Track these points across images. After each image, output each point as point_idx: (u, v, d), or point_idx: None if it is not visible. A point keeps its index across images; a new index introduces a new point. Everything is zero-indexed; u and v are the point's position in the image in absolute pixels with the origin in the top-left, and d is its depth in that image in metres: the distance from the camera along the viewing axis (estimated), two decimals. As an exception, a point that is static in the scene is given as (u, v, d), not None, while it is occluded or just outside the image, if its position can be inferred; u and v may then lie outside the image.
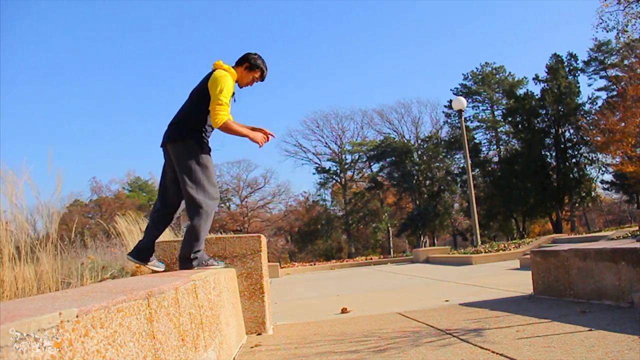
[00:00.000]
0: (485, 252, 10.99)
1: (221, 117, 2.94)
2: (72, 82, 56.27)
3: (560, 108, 31.06)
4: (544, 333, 2.46)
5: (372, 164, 39.98)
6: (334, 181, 41.15)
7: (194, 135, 3.01)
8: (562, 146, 31.91)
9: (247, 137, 3.07)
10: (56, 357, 0.89)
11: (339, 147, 40.98)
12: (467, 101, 32.86)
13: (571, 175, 31.49)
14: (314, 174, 44.51)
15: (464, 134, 15.74)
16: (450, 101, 32.24)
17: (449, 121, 36.81)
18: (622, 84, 25.35)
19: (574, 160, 32.03)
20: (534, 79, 33.10)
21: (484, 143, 37.37)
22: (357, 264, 14.26)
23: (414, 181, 36.93)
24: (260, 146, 3.14)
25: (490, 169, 35.69)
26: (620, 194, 35.80)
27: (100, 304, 1.11)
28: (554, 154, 32.27)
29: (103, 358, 1.06)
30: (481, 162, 35.17)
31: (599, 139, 24.69)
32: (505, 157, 34.44)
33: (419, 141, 38.55)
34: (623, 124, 22.96)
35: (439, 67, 60.05)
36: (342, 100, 69.24)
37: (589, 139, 27.84)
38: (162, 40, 57.67)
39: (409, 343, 2.53)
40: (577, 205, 32.96)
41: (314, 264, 15.38)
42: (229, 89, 3.00)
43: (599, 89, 34.16)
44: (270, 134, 3.23)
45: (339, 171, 40.60)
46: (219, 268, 2.98)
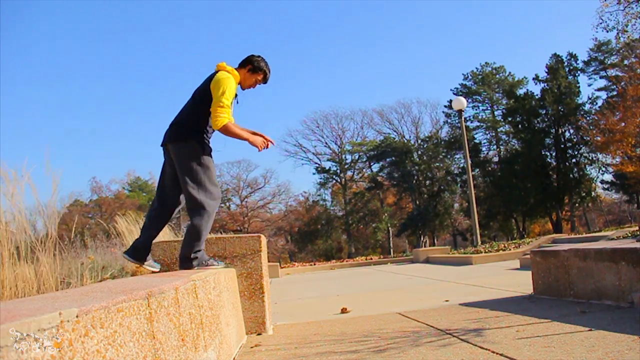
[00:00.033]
0: (485, 252, 10.99)
1: (222, 119, 2.94)
2: (72, 82, 56.34)
3: (560, 108, 31.06)
4: (544, 333, 2.46)
5: (372, 164, 40.00)
6: (334, 181, 41.16)
7: (195, 135, 3.01)
8: (562, 146, 31.92)
9: (247, 140, 3.07)
10: (56, 357, 0.89)
11: (339, 147, 41.02)
12: (467, 101, 32.85)
13: (571, 175, 31.50)
14: (314, 174, 44.59)
15: (464, 134, 15.74)
16: (450, 101, 32.24)
17: (449, 121, 36.85)
18: (622, 84, 25.36)
19: (574, 160, 32.05)
20: (534, 79, 33.16)
21: (484, 143, 37.42)
22: (357, 264, 14.26)
23: (414, 181, 36.93)
24: (259, 150, 3.13)
25: (490, 169, 35.70)
26: (620, 194, 35.82)
27: (100, 304, 1.11)
28: (554, 154, 32.28)
29: (103, 358, 1.06)
30: (481, 162, 35.17)
31: (599, 139, 24.71)
32: (505, 157, 34.44)
33: (419, 141, 38.56)
34: (623, 124, 22.97)
35: (439, 67, 60.14)
36: (342, 100, 69.35)
37: (589, 139, 27.86)
38: (162, 40, 57.75)
39: (409, 343, 2.53)
40: (577, 205, 32.97)
41: (314, 264, 15.38)
42: (231, 91, 3.00)
43: (599, 89, 34.24)
44: (270, 140, 3.21)
45: (339, 171, 40.61)
46: (219, 268, 2.98)
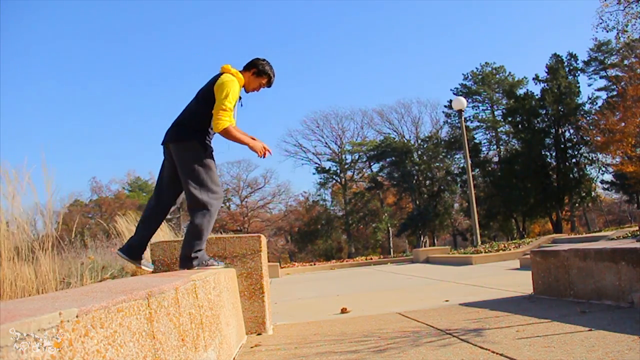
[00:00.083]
0: (485, 252, 10.99)
1: (223, 122, 2.94)
2: (72, 82, 56.35)
3: (560, 108, 31.06)
4: (544, 333, 2.46)
5: (372, 164, 40.00)
6: (334, 181, 41.16)
7: (197, 136, 3.01)
8: (562, 146, 31.91)
9: (247, 145, 3.07)
10: (56, 357, 0.89)
11: (339, 147, 41.02)
12: (467, 101, 32.86)
13: (571, 175, 31.49)
14: (314, 174, 44.60)
15: (464, 134, 15.74)
16: (450, 101, 32.24)
17: (449, 121, 36.85)
18: (622, 84, 25.36)
19: (574, 160, 32.05)
20: (534, 79, 33.15)
21: (484, 143, 37.42)
22: (357, 264, 14.25)
23: (414, 181, 36.93)
24: (259, 155, 3.13)
25: (490, 169, 35.70)
26: (620, 194, 35.82)
27: (100, 304, 1.11)
28: (554, 154, 32.28)
29: (103, 358, 1.06)
30: (481, 162, 35.17)
31: (599, 139, 24.71)
32: (505, 157, 34.44)
33: (419, 141, 38.56)
34: (623, 124, 22.98)
35: (439, 67, 60.14)
36: (342, 100, 69.37)
37: (589, 139, 27.86)
38: (162, 40, 57.75)
39: (409, 343, 2.53)
40: (577, 205, 32.97)
41: (314, 264, 15.38)
42: (234, 94, 3.00)
43: (599, 89, 34.25)
44: (268, 150, 3.19)
45: (339, 171, 40.61)
46: (219, 268, 2.98)
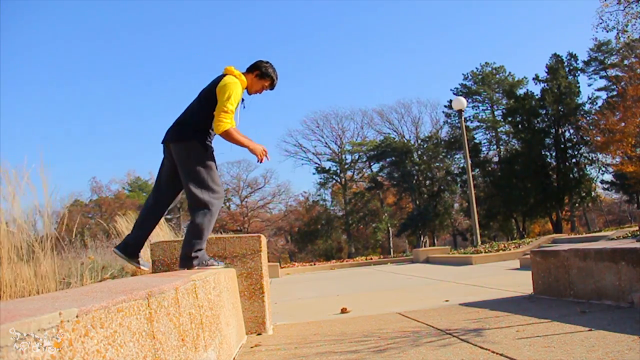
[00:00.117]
0: (485, 252, 10.99)
1: (224, 125, 2.94)
2: (72, 82, 56.35)
3: (560, 108, 31.06)
4: (544, 333, 2.46)
5: (372, 164, 40.00)
6: (334, 181, 41.17)
7: (198, 136, 3.01)
8: (562, 146, 31.92)
9: (248, 147, 3.06)
10: (56, 357, 0.89)
11: (339, 147, 41.03)
12: (467, 101, 32.86)
13: (571, 175, 31.50)
14: (314, 174, 44.59)
15: (464, 134, 15.74)
16: (450, 101, 32.24)
17: (449, 121, 36.86)
18: (622, 84, 25.37)
19: (574, 160, 32.05)
20: (534, 79, 33.16)
21: (484, 143, 37.43)
22: (357, 264, 14.25)
23: (414, 181, 36.94)
24: (259, 159, 3.10)
25: (490, 169, 35.70)
26: (620, 194, 35.83)
27: (100, 304, 1.11)
28: (554, 154, 32.28)
29: (103, 358, 1.06)
30: (481, 162, 35.18)
31: (599, 139, 24.72)
32: (505, 157, 34.44)
33: (419, 141, 38.57)
34: (623, 124, 22.98)
35: (439, 67, 60.14)
36: (342, 100, 69.38)
37: (589, 139, 27.86)
38: (162, 40, 57.75)
39: (409, 343, 2.53)
40: (577, 205, 32.97)
41: (314, 264, 15.38)
42: (236, 97, 3.00)
43: (599, 89, 34.26)
44: (266, 155, 3.17)
45: (339, 171, 40.61)
46: (219, 268, 2.97)
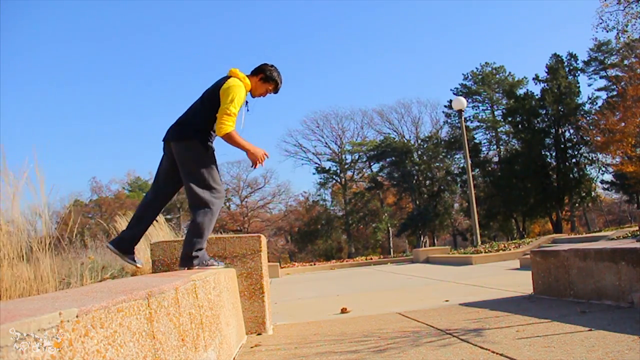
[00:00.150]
0: (485, 252, 10.99)
1: (226, 127, 2.94)
2: (73, 82, 56.35)
3: (560, 108, 31.06)
4: (544, 333, 2.46)
5: (372, 164, 39.99)
6: (334, 181, 41.16)
7: (199, 136, 3.01)
8: (562, 146, 31.92)
9: (249, 151, 3.05)
10: (56, 357, 0.89)
11: (339, 147, 41.01)
12: (467, 101, 32.86)
13: (571, 175, 31.50)
14: (314, 174, 44.58)
15: (464, 134, 15.74)
16: (450, 101, 32.24)
17: (449, 121, 36.85)
18: (622, 84, 25.36)
19: (574, 160, 32.05)
20: (534, 79, 33.16)
21: (484, 143, 37.42)
22: (357, 264, 14.25)
23: (414, 181, 36.94)
24: (260, 162, 3.07)
25: (490, 169, 35.70)
26: (620, 194, 35.84)
27: (100, 304, 1.11)
28: (554, 154, 32.29)
29: (103, 358, 1.06)
30: (481, 162, 35.17)
31: (599, 139, 24.71)
32: (505, 157, 34.44)
33: (419, 141, 38.57)
34: (623, 124, 22.98)
35: (439, 67, 60.15)
36: (342, 100, 69.36)
37: (589, 139, 27.86)
38: (162, 40, 57.75)
39: (409, 343, 2.53)
40: (577, 205, 32.97)
41: (314, 264, 15.37)
42: (239, 100, 2.99)
43: (599, 89, 34.26)
44: (262, 161, 3.13)
45: (339, 171, 40.61)
46: (219, 268, 2.97)
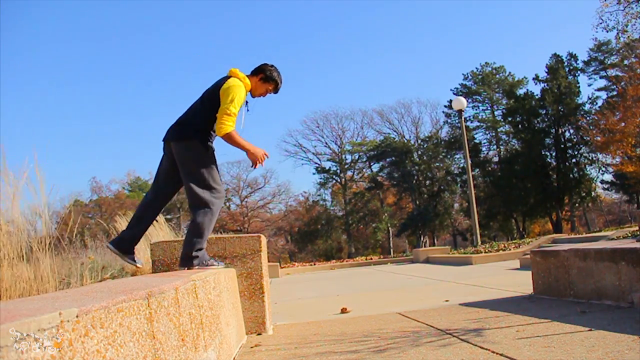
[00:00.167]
0: (485, 252, 10.99)
1: (226, 127, 2.94)
2: (73, 82, 56.34)
3: (560, 108, 31.06)
4: (544, 333, 2.46)
5: (372, 164, 39.99)
6: (334, 181, 41.15)
7: (199, 135, 3.01)
8: (562, 146, 31.92)
9: (249, 151, 3.05)
10: (56, 357, 0.89)
11: (339, 147, 41.01)
12: (467, 101, 32.85)
13: (571, 175, 31.50)
14: (314, 174, 44.58)
15: (464, 134, 15.73)
16: (450, 101, 32.23)
17: (449, 121, 36.85)
18: (622, 84, 25.35)
19: (574, 160, 32.05)
20: (534, 79, 33.16)
21: (484, 143, 37.42)
22: (357, 264, 14.25)
23: (414, 181, 36.93)
24: (261, 163, 3.08)
25: (490, 169, 35.70)
26: (620, 194, 35.84)
27: (100, 304, 1.11)
28: (554, 154, 32.28)
29: (103, 358, 1.06)
30: (481, 162, 35.17)
31: (599, 139, 24.71)
32: (505, 157, 34.44)
33: (419, 141, 38.56)
34: (623, 124, 22.97)
35: (439, 67, 60.15)
36: (342, 100, 69.35)
37: (589, 139, 27.86)
38: (162, 40, 57.75)
39: (409, 343, 2.53)
40: (577, 205, 32.97)
41: (314, 264, 15.37)
42: (239, 100, 3.00)
43: (599, 89, 34.26)
44: (262, 161, 3.14)
45: (339, 171, 40.60)
46: (219, 268, 2.97)
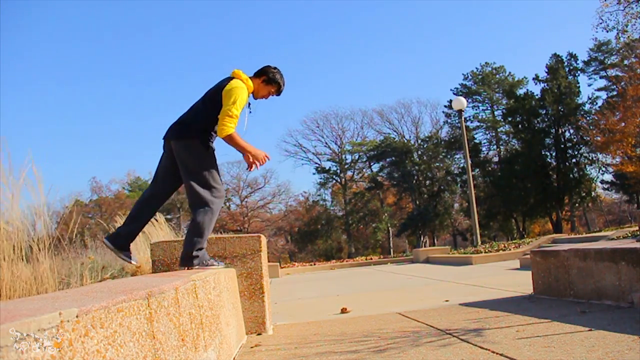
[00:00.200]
0: (485, 252, 10.99)
1: (227, 129, 2.94)
2: (73, 82, 56.34)
3: (560, 108, 31.06)
4: (544, 333, 2.46)
5: (372, 164, 39.99)
6: (334, 181, 41.15)
7: (199, 135, 3.01)
8: (562, 146, 31.91)
9: (250, 153, 3.05)
10: (56, 357, 0.89)
11: (339, 147, 41.01)
12: (467, 101, 32.85)
13: (571, 175, 31.49)
14: (314, 174, 44.58)
15: (464, 134, 15.73)
16: (450, 101, 32.23)
17: (449, 121, 36.85)
18: (622, 84, 25.34)
19: (574, 160, 32.04)
20: (534, 79, 33.16)
21: (484, 143, 37.42)
22: (357, 264, 14.25)
23: (414, 181, 36.93)
24: (261, 164, 3.08)
25: (490, 169, 35.70)
26: (620, 194, 35.83)
27: (100, 304, 1.11)
28: (554, 154, 32.28)
29: (103, 358, 1.06)
30: (481, 162, 35.17)
31: (599, 139, 24.70)
32: (505, 157, 34.44)
33: (419, 141, 38.56)
34: (623, 124, 22.97)
35: (439, 67, 60.14)
36: (342, 100, 69.31)
37: (589, 139, 27.85)
38: (162, 40, 57.74)
39: (409, 343, 2.53)
40: (577, 205, 32.97)
41: (314, 264, 15.37)
42: (242, 101, 3.00)
43: (599, 89, 34.27)
44: (263, 161, 3.14)
45: (339, 171, 40.60)
46: (219, 268, 2.97)
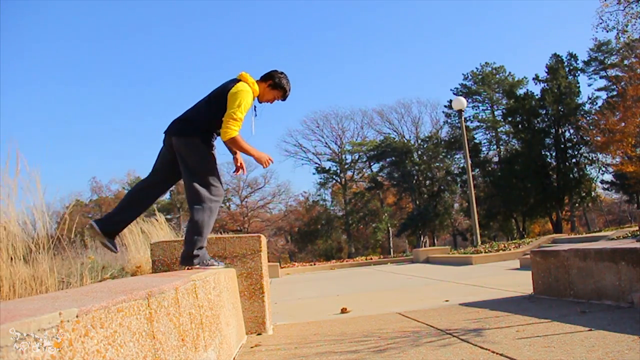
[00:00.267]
0: (485, 252, 10.98)
1: (231, 132, 2.95)
2: (73, 82, 56.34)
3: (560, 108, 31.06)
4: (544, 333, 2.46)
5: (372, 164, 40.00)
6: (334, 181, 41.15)
7: (200, 134, 3.02)
8: (562, 146, 31.92)
9: (253, 156, 3.08)
10: (56, 357, 0.89)
11: (339, 147, 41.01)
12: (467, 101, 32.86)
13: (571, 175, 31.50)
14: (314, 174, 44.59)
15: (464, 134, 15.73)
16: (450, 101, 32.23)
17: (449, 121, 36.86)
18: (622, 84, 25.35)
19: (574, 160, 32.05)
20: (534, 79, 33.17)
21: (484, 143, 37.42)
22: (357, 264, 14.25)
23: (414, 181, 36.94)
24: (265, 166, 3.15)
25: (490, 169, 35.71)
26: (620, 194, 35.84)
27: (100, 304, 1.11)
28: (554, 154, 32.28)
29: (103, 358, 1.06)
30: (481, 162, 35.18)
31: (599, 139, 24.72)
32: (505, 157, 34.45)
33: (419, 141, 38.57)
34: (623, 124, 22.98)
35: (439, 67, 60.13)
36: (342, 100, 69.27)
37: (589, 139, 27.86)
38: (162, 40, 57.74)
39: (409, 343, 2.53)
40: (577, 205, 32.97)
41: (314, 264, 15.37)
42: (247, 105, 3.00)
43: (599, 89, 34.27)
44: (271, 160, 3.20)
45: (339, 171, 40.60)
46: (220, 268, 2.97)
